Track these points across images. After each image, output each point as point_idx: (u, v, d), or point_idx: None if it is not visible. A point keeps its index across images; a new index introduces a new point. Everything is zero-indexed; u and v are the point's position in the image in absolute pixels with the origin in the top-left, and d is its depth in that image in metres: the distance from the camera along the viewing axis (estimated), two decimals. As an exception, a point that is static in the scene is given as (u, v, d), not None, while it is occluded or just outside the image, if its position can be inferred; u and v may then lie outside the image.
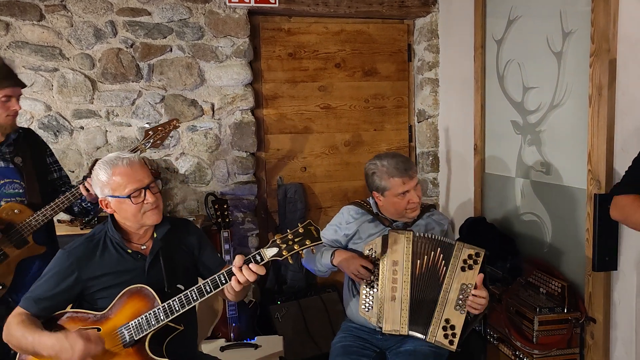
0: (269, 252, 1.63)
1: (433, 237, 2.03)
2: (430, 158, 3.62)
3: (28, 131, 2.32)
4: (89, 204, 2.26)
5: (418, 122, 3.69)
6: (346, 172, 3.61)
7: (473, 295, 1.90)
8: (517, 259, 2.60)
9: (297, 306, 3.19)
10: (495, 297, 2.38)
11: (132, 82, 3.10)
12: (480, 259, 1.92)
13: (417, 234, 2.03)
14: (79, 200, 2.23)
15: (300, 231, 1.63)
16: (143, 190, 1.72)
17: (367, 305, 2.05)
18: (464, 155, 3.27)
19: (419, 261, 2.00)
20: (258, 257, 1.64)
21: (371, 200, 2.32)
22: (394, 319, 1.95)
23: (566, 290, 2.23)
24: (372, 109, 3.62)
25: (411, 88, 3.70)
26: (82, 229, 2.82)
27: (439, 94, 3.56)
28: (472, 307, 1.91)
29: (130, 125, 3.14)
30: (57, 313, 1.73)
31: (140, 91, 3.12)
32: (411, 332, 1.96)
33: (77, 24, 3.00)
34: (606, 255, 2.12)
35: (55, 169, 2.37)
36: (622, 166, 2.13)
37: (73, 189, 2.17)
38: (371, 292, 2.05)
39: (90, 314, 1.73)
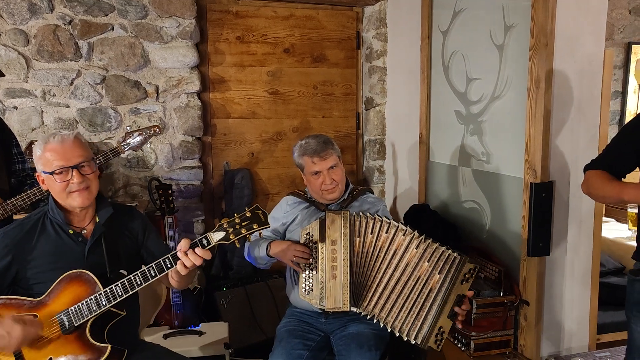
0: (216, 236, 1.61)
1: (372, 215, 2.04)
2: (377, 146, 3.67)
3: None
4: None
5: (366, 110, 3.72)
6: (294, 158, 3.60)
7: (464, 309, 1.91)
8: (458, 245, 2.68)
9: (243, 292, 3.17)
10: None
11: (71, 60, 2.96)
12: (476, 272, 1.92)
13: (354, 213, 2.05)
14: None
15: (247, 215, 1.61)
16: (70, 170, 1.67)
17: (306, 287, 2.08)
18: (410, 143, 3.33)
19: (358, 239, 2.02)
20: (205, 241, 1.62)
21: (308, 188, 2.38)
22: (336, 297, 1.97)
23: (502, 275, 2.32)
24: (320, 96, 3.62)
25: (359, 76, 3.72)
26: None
27: (386, 82, 3.60)
28: (459, 319, 1.92)
29: (68, 106, 3.00)
30: None
31: (79, 71, 2.98)
32: (352, 308, 1.98)
33: (9, -4, 2.83)
34: (540, 241, 2.23)
35: (19, 160, 2.32)
36: (556, 156, 2.24)
37: None
38: (311, 275, 2.07)
39: (26, 300, 1.66)
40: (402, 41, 3.38)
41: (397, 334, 1.93)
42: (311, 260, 2.07)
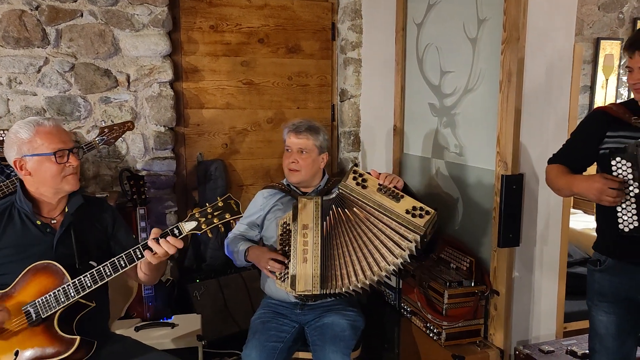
0: (188, 226, 1.61)
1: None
2: (352, 138, 3.67)
3: None
4: None
5: (341, 102, 3.72)
6: (268, 149, 3.58)
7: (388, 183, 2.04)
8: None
9: (216, 284, 3.15)
10: (409, 273, 2.48)
11: (38, 47, 2.87)
12: (359, 169, 2.11)
13: (324, 197, 2.08)
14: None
15: (219, 205, 1.61)
16: (67, 152, 1.67)
17: (283, 275, 2.09)
18: (384, 135, 3.34)
19: (325, 223, 2.05)
20: (176, 231, 1.62)
21: (285, 180, 2.40)
22: (306, 280, 1.98)
23: (474, 265, 2.36)
24: (295, 87, 3.60)
25: (334, 67, 3.71)
26: None
27: (361, 74, 3.59)
28: (394, 185, 2.05)
29: (35, 95, 2.91)
30: None
31: (47, 58, 2.90)
32: (323, 291, 1.99)
33: (-28, -20, 2.72)
34: (510, 232, 2.27)
35: None
36: (526, 149, 2.28)
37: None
38: (287, 263, 2.09)
39: None
40: (377, 33, 3.38)
41: (400, 262, 1.99)
42: (287, 262, 2.08)
